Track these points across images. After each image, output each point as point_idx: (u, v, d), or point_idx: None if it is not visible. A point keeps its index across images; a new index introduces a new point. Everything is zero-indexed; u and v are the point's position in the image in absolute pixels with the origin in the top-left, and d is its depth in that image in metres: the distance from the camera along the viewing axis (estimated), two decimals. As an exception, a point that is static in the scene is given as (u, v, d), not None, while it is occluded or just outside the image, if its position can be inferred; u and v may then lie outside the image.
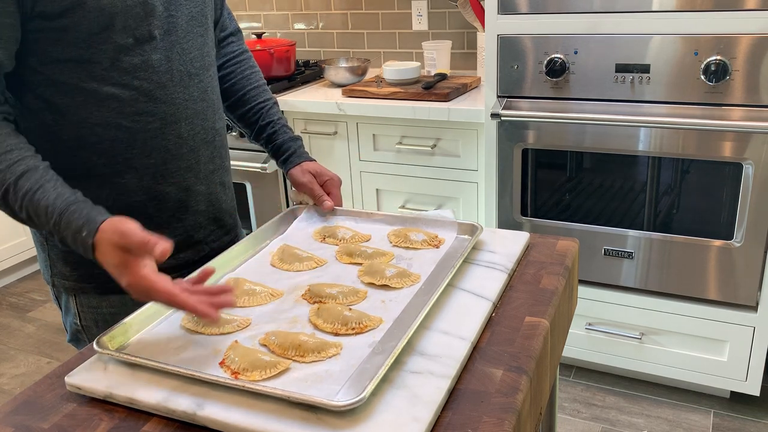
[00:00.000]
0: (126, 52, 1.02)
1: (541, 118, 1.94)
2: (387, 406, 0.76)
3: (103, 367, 0.86)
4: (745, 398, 2.14)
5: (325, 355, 0.85)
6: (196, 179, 1.16)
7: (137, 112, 1.05)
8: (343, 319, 0.92)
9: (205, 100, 1.15)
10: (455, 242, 1.15)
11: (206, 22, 1.16)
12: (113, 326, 0.91)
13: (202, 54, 1.14)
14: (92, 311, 1.15)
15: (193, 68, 1.12)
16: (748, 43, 1.69)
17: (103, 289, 1.13)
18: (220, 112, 1.21)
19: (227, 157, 1.25)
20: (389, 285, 1.02)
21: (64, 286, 1.15)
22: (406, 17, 2.82)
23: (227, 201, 1.26)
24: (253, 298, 1.01)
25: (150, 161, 1.09)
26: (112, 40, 1.00)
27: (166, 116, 1.08)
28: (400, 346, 0.82)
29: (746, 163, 1.79)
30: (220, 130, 1.20)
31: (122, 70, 1.02)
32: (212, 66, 1.19)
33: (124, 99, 1.04)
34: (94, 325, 1.16)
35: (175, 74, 1.09)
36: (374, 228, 1.23)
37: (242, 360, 0.84)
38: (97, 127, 1.04)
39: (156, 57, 1.05)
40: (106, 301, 1.14)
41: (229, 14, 1.33)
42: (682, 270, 1.96)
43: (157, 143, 1.09)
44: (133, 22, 1.01)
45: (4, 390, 2.49)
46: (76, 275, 1.13)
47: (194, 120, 1.13)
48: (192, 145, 1.13)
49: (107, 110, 1.03)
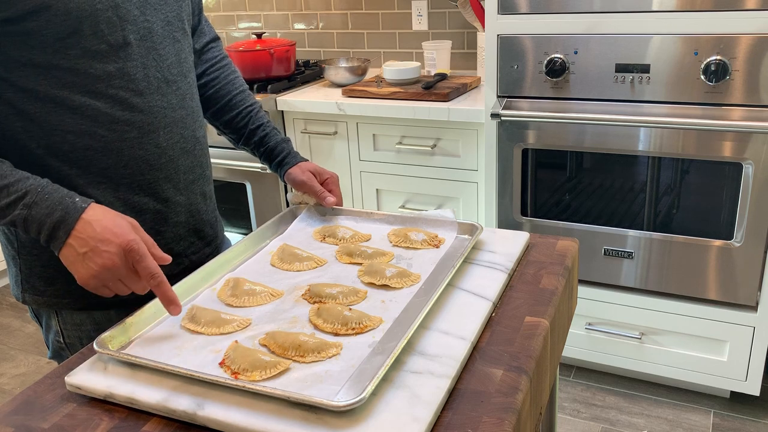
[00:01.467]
0: (99, 58, 0.98)
1: (541, 118, 1.94)
2: (387, 406, 0.76)
3: (103, 367, 0.86)
4: (745, 398, 2.14)
5: (325, 356, 0.85)
6: (176, 190, 1.12)
7: (113, 120, 1.02)
8: (343, 319, 0.92)
9: (184, 108, 1.11)
10: (455, 242, 1.14)
11: (183, 27, 1.13)
12: (114, 326, 0.91)
13: (179, 60, 1.11)
14: (76, 328, 1.11)
15: (171, 75, 1.09)
16: (748, 43, 1.69)
17: (81, 305, 1.09)
18: (200, 119, 1.18)
19: (208, 166, 1.22)
20: (389, 285, 1.02)
21: (38, 302, 1.10)
22: (406, 17, 2.83)
23: (208, 212, 1.22)
24: (253, 298, 1.01)
25: (126, 171, 1.05)
26: (82, 45, 0.96)
27: (144, 125, 1.05)
28: (400, 346, 0.82)
29: (746, 163, 1.79)
30: (200, 139, 1.17)
31: (96, 77, 0.99)
32: (190, 72, 1.15)
33: (99, 107, 1.00)
34: (78, 342, 1.12)
35: (152, 81, 1.05)
36: (374, 228, 1.23)
37: (242, 360, 0.83)
38: (70, 135, 1.00)
39: (131, 64, 1.02)
40: (90, 318, 1.10)
41: (207, 21, 1.31)
42: (682, 270, 1.96)
43: (134, 153, 1.05)
44: (106, 28, 0.98)
45: (4, 390, 2.49)
46: (52, 290, 1.08)
47: (173, 128, 1.09)
48: (171, 154, 1.09)
49: (80, 118, 1.00)
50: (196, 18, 1.26)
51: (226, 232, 2.74)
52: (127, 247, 0.90)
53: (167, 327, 0.95)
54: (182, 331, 0.94)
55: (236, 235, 2.70)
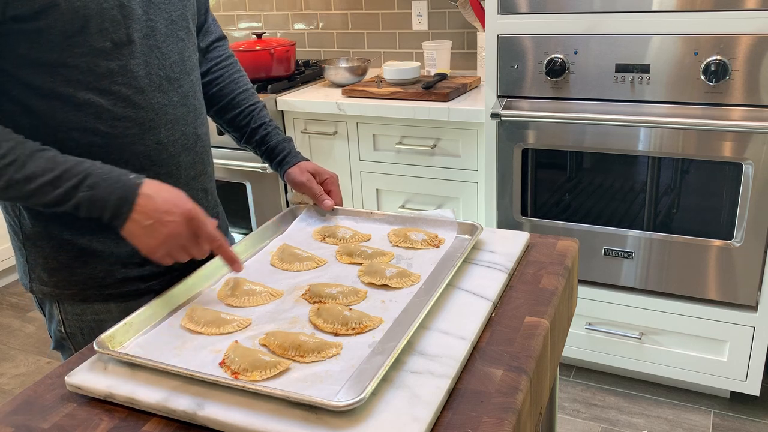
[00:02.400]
0: (103, 56, 1.00)
1: (541, 118, 1.94)
2: (387, 406, 0.76)
3: (103, 367, 0.86)
4: (745, 398, 2.14)
5: (325, 356, 0.85)
6: (177, 186, 1.11)
7: (115, 117, 1.03)
8: (343, 319, 0.92)
9: (185, 105, 1.13)
10: (455, 242, 1.14)
11: (187, 26, 1.14)
12: (114, 325, 0.91)
13: (182, 58, 1.12)
14: (76, 319, 1.13)
15: (173, 73, 1.10)
16: (748, 43, 1.69)
17: (82, 297, 1.11)
18: (202, 117, 1.19)
19: (210, 163, 1.23)
20: (389, 285, 1.02)
21: (43, 292, 1.12)
22: (406, 17, 2.83)
23: (209, 207, 1.23)
24: (253, 298, 1.01)
25: (128, 167, 1.05)
26: (88, 43, 0.98)
27: (145, 122, 1.06)
28: (400, 346, 0.82)
29: (746, 163, 1.79)
30: (202, 136, 1.18)
31: (99, 74, 1.00)
32: (194, 71, 1.17)
33: (102, 104, 1.02)
34: (79, 332, 1.14)
35: (153, 79, 1.06)
36: (374, 228, 1.23)
37: (242, 360, 0.84)
38: (74, 131, 1.02)
39: (134, 62, 1.03)
40: (90, 308, 1.12)
41: (214, 20, 1.32)
42: (682, 270, 1.97)
43: (135, 149, 1.06)
44: (111, 26, 0.99)
45: (4, 390, 2.49)
46: (54, 281, 1.10)
47: (174, 125, 1.11)
48: (172, 151, 1.11)
49: (84, 115, 1.01)
50: (202, 17, 1.27)
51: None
52: (189, 215, 0.97)
53: (167, 327, 0.95)
54: (182, 331, 0.94)
55: (236, 235, 2.70)
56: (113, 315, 1.11)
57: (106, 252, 1.09)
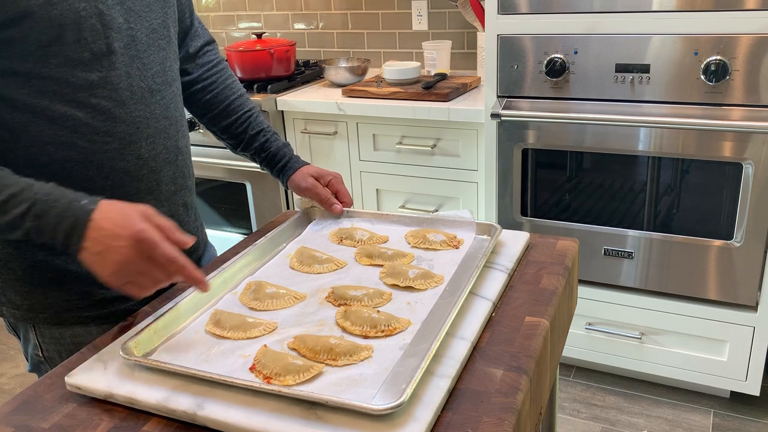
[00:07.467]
0: (81, 67, 0.95)
1: (541, 118, 1.94)
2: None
3: (103, 367, 0.86)
4: (745, 398, 2.14)
5: (357, 359, 0.84)
6: (157, 201, 1.09)
7: (94, 131, 0.98)
8: (372, 321, 0.91)
9: (167, 118, 1.08)
10: (474, 242, 1.14)
11: (168, 35, 1.10)
12: (140, 331, 0.89)
13: (164, 69, 1.08)
14: (54, 342, 1.08)
15: (155, 84, 1.06)
16: (748, 43, 1.69)
17: (57, 320, 1.06)
18: (183, 129, 1.15)
19: (190, 177, 1.19)
20: (413, 286, 1.01)
21: (15, 316, 1.07)
22: (406, 17, 2.83)
23: (189, 223, 1.19)
24: (278, 301, 0.99)
25: (107, 183, 1.02)
26: (64, 53, 0.93)
27: (126, 136, 1.01)
28: (433, 349, 0.81)
29: (746, 163, 1.79)
30: (183, 149, 1.14)
31: (77, 86, 0.96)
32: (175, 81, 1.12)
33: (80, 117, 0.97)
34: (57, 356, 1.09)
35: (135, 91, 1.02)
36: (391, 229, 1.22)
37: (274, 365, 0.82)
38: (49, 146, 0.96)
39: (115, 73, 0.99)
40: (69, 331, 1.07)
41: (200, 22, 1.27)
42: (682, 270, 1.96)
43: (115, 164, 1.02)
44: (90, 35, 0.94)
45: (4, 390, 2.49)
46: (28, 304, 1.06)
47: (156, 139, 1.06)
48: (153, 165, 1.07)
49: (60, 129, 0.96)
50: (187, 20, 1.23)
51: (227, 232, 2.75)
52: (138, 237, 0.86)
53: (192, 332, 0.93)
54: (207, 336, 0.93)
55: (237, 236, 2.70)
56: (93, 336, 1.06)
57: (82, 273, 1.03)
